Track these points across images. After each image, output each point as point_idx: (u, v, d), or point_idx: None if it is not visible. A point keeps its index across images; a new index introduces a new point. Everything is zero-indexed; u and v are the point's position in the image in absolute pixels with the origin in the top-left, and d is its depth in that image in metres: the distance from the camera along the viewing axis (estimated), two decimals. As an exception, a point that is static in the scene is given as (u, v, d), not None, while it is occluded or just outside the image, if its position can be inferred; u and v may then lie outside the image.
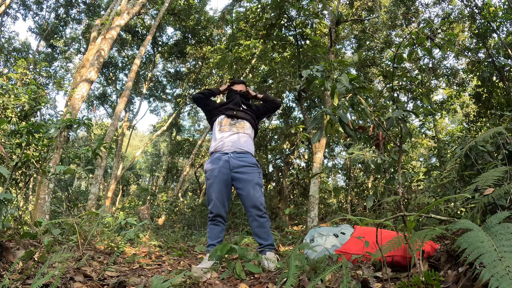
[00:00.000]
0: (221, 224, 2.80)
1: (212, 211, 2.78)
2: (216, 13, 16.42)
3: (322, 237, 2.36)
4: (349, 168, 9.94)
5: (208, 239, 2.78)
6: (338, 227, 2.46)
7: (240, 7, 10.18)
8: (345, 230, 2.37)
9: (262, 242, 2.68)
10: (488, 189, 1.94)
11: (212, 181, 2.80)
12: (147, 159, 25.46)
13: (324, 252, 2.20)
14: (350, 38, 11.95)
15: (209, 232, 2.80)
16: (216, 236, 2.76)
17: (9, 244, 2.11)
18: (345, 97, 2.55)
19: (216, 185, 2.78)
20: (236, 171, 2.78)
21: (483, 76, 8.33)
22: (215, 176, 2.79)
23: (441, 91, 13.12)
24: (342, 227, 2.44)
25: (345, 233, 2.32)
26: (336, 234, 2.34)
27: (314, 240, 2.37)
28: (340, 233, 2.34)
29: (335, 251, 2.17)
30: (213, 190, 2.78)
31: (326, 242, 2.29)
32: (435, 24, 9.37)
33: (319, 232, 2.44)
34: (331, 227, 2.51)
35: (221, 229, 2.80)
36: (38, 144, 3.67)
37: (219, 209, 2.77)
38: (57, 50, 16.82)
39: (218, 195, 2.77)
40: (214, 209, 2.77)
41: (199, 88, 16.06)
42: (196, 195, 17.22)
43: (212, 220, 2.80)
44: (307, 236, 2.49)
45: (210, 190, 2.82)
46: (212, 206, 2.78)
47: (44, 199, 5.12)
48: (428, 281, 1.26)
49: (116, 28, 7.27)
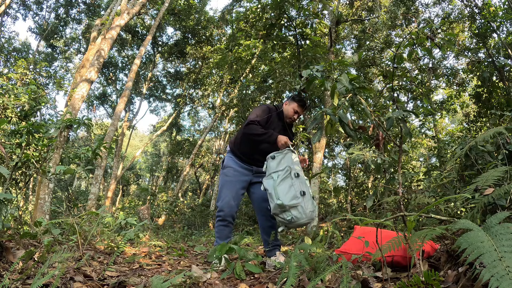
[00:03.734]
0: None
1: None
2: (216, 13, 16.44)
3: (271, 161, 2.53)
4: (349, 168, 9.94)
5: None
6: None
7: (240, 7, 10.18)
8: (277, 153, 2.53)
9: (273, 241, 2.71)
10: (488, 189, 1.94)
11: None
12: (147, 159, 25.47)
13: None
14: (350, 38, 11.95)
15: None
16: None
17: (9, 244, 2.11)
18: (345, 97, 2.55)
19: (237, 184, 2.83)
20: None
21: (483, 76, 8.33)
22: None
23: (441, 91, 13.13)
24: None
25: (275, 156, 2.51)
26: (273, 156, 2.52)
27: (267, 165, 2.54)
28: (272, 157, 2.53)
29: (335, 251, 2.17)
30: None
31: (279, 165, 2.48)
32: (435, 24, 9.38)
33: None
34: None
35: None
36: (38, 144, 3.67)
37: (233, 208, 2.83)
38: (57, 50, 16.83)
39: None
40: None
41: (199, 88, 16.08)
42: (196, 195, 17.23)
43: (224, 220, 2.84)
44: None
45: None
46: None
47: (44, 199, 5.12)
48: (428, 281, 1.26)
49: (116, 28, 7.27)
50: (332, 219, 6.58)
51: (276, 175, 2.42)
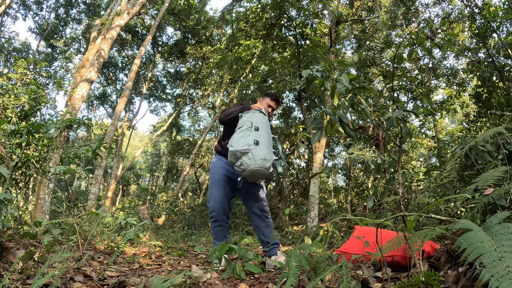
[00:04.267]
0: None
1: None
2: (216, 13, 16.43)
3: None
4: (349, 168, 9.93)
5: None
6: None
7: (240, 7, 10.18)
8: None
9: (270, 241, 2.75)
10: (488, 189, 1.94)
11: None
12: (147, 159, 25.46)
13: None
14: (350, 38, 11.95)
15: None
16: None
17: (9, 244, 2.11)
18: (345, 97, 2.55)
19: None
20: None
21: (483, 76, 8.33)
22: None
23: (441, 91, 13.12)
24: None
25: (243, 115, 2.70)
26: (241, 115, 2.71)
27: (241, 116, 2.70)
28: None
29: (335, 251, 2.17)
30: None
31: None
32: (435, 24, 9.38)
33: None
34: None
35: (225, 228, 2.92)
36: (38, 144, 3.67)
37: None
38: (57, 50, 16.82)
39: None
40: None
41: (199, 88, 16.07)
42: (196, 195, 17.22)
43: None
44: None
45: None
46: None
47: (44, 199, 5.12)
48: (428, 281, 1.26)
49: (116, 28, 7.26)
50: (332, 219, 6.59)
51: (238, 129, 2.59)
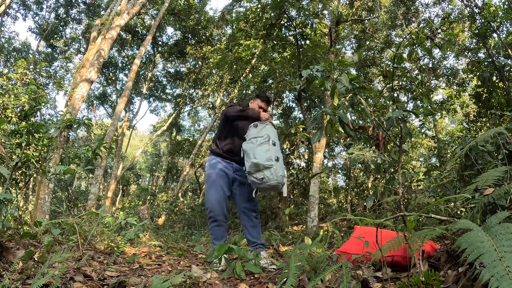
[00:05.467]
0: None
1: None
2: (216, 13, 16.42)
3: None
4: (349, 168, 9.93)
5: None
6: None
7: (240, 7, 10.17)
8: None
9: (256, 240, 2.81)
10: (488, 189, 1.94)
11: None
12: (147, 159, 25.45)
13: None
14: (350, 38, 11.95)
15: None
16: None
17: (9, 244, 2.11)
18: (345, 97, 2.55)
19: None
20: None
21: (483, 76, 8.32)
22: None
23: (441, 91, 13.12)
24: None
25: (257, 125, 2.76)
26: (256, 124, 2.77)
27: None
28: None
29: (335, 251, 2.17)
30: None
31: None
32: (435, 24, 9.38)
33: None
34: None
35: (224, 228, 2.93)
36: (38, 144, 3.67)
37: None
38: (57, 50, 16.81)
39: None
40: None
41: (199, 88, 16.08)
42: (196, 195, 17.22)
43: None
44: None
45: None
46: None
47: (44, 199, 5.12)
48: (428, 281, 1.26)
49: (116, 28, 7.26)
50: (332, 219, 6.58)
51: (255, 140, 2.65)
